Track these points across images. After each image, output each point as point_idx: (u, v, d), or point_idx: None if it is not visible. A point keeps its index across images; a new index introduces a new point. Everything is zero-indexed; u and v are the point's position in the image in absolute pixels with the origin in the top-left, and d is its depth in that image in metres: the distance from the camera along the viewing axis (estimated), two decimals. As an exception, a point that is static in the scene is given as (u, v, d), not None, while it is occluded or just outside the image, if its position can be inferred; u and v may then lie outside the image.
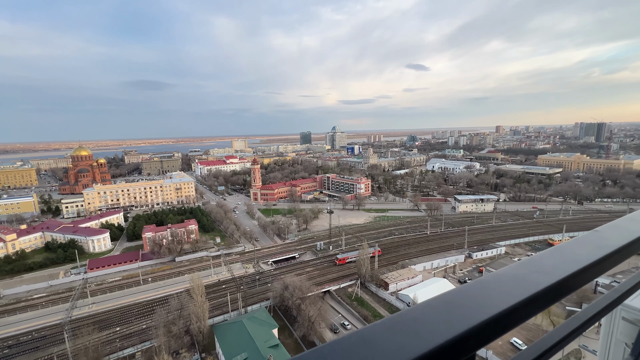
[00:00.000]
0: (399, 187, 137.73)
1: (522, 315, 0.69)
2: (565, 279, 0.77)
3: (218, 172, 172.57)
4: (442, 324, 0.61)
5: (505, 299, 0.68)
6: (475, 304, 0.67)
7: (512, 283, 0.74)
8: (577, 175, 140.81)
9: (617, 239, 0.98)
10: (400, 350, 0.53)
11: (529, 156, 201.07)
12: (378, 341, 0.56)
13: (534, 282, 0.75)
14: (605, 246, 0.94)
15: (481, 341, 0.62)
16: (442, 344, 0.55)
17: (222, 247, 77.19)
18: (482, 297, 0.70)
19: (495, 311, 0.64)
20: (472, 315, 0.62)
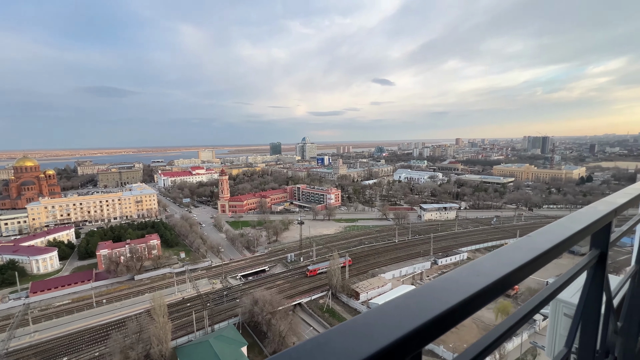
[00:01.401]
0: (368, 197, 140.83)
1: (462, 314, 0.78)
2: (500, 279, 0.89)
3: (183, 183, 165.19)
4: (391, 326, 0.65)
5: (447, 300, 0.76)
6: (421, 306, 0.73)
7: (455, 286, 0.84)
8: (527, 184, 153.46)
9: (545, 243, 1.12)
10: (352, 353, 0.57)
11: (485, 167, 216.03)
12: (332, 345, 0.60)
13: (474, 283, 0.85)
14: (535, 249, 1.07)
15: (425, 339, 0.68)
16: (389, 344, 0.60)
17: (187, 262, 73.28)
18: (427, 300, 0.77)
19: (437, 312, 0.70)
20: (417, 316, 0.68)
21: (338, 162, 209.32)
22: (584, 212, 1.44)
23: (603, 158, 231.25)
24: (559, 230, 1.22)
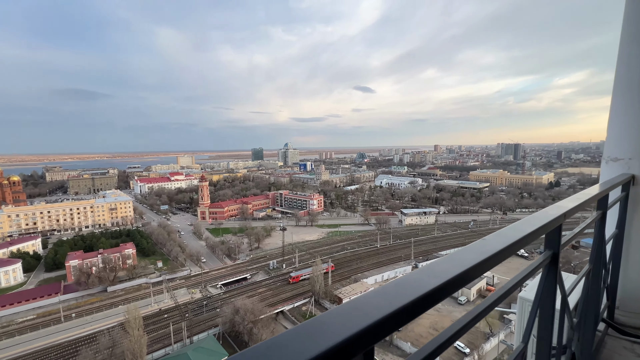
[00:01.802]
0: (350, 202, 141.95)
1: (415, 311, 0.82)
2: (451, 280, 0.94)
3: (161, 190, 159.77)
4: (345, 324, 0.69)
5: (400, 299, 0.80)
6: (375, 305, 0.77)
7: (410, 286, 0.88)
8: (501, 189, 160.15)
9: (497, 244, 1.19)
10: (305, 351, 0.60)
11: (462, 172, 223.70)
12: (287, 345, 0.62)
13: (427, 283, 0.89)
14: (487, 251, 1.13)
15: (377, 336, 0.71)
16: (341, 341, 0.63)
17: (164, 272, 70.65)
18: (382, 299, 0.81)
19: (389, 310, 0.75)
20: (370, 314, 0.72)
21: (320, 168, 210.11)
22: (537, 215, 1.52)
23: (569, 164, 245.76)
24: (512, 232, 1.31)
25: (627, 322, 3.25)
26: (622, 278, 3.26)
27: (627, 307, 3.29)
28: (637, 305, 3.25)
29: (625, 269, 3.25)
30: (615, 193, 3.13)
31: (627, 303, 3.29)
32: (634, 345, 3.02)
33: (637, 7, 3.10)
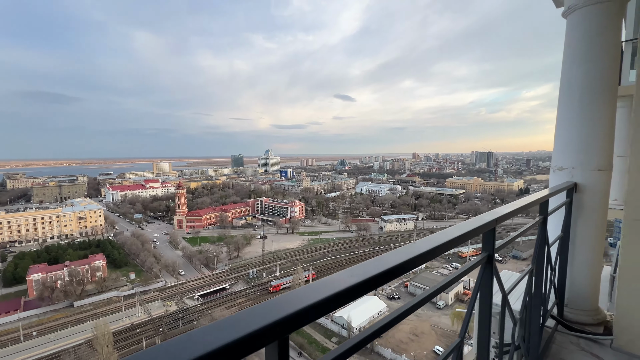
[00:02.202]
0: (331, 209, 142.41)
1: (327, 308, 0.86)
2: (368, 279, 0.98)
3: (135, 197, 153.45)
4: (256, 316, 0.74)
5: (314, 296, 0.84)
6: (290, 301, 0.81)
7: (329, 285, 0.91)
8: (475, 195, 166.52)
9: (423, 247, 1.27)
10: (215, 340, 0.63)
11: (439, 179, 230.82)
12: (203, 337, 0.65)
13: (344, 282, 0.93)
14: (412, 253, 1.19)
15: (287, 328, 0.76)
16: (252, 332, 0.68)
17: (137, 284, 67.40)
18: (298, 296, 0.85)
19: (301, 306, 0.79)
20: (282, 309, 0.77)
21: (302, 175, 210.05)
22: (473, 221, 1.61)
23: (537, 172, 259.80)
24: (442, 236, 1.41)
25: (574, 319, 3.53)
26: (569, 277, 3.55)
27: (574, 305, 3.58)
28: (582, 303, 3.54)
29: (571, 269, 3.54)
30: (561, 199, 3.43)
31: (574, 301, 3.57)
32: (580, 339, 3.28)
33: (574, 33, 3.46)
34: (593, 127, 3.37)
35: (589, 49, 3.37)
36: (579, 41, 3.46)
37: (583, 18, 3.39)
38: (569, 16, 3.51)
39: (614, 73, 3.31)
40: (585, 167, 3.41)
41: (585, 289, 3.52)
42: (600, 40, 3.31)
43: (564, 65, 3.59)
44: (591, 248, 3.46)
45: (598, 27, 3.31)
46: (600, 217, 3.42)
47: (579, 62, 3.43)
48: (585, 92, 3.39)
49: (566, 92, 3.56)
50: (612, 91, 3.33)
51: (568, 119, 3.54)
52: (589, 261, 3.48)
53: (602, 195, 3.38)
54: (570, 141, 3.53)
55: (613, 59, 3.30)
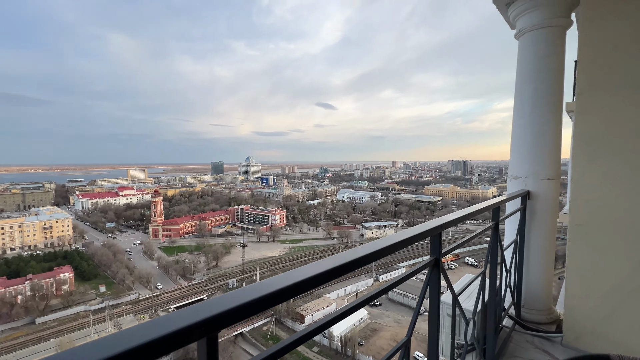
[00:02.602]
0: (312, 217, 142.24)
1: (255, 309, 0.86)
2: (298, 282, 0.98)
3: (107, 206, 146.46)
4: (185, 315, 0.75)
5: (244, 297, 0.84)
6: (220, 301, 0.82)
7: (262, 287, 0.92)
8: (452, 202, 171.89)
9: (362, 252, 1.25)
10: (141, 337, 0.64)
11: (418, 187, 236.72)
12: (130, 334, 0.66)
13: (275, 284, 0.93)
14: (348, 257, 1.17)
15: (215, 326, 0.77)
16: (178, 329, 0.69)
17: (108, 297, 63.92)
18: (230, 296, 0.86)
19: (229, 305, 0.80)
20: (211, 308, 0.78)
21: (283, 183, 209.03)
22: (421, 226, 1.68)
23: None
24: (389, 239, 1.41)
25: (529, 318, 3.77)
26: (525, 279, 3.80)
27: (530, 305, 3.83)
28: (537, 303, 3.80)
29: (527, 271, 3.80)
30: (517, 205, 3.70)
31: (530, 301, 3.82)
32: (534, 338, 3.52)
33: (524, 54, 3.80)
34: (542, 140, 3.68)
35: (537, 69, 3.70)
36: (528, 61, 3.79)
37: (531, 41, 3.73)
38: (520, 38, 3.85)
39: (559, 91, 3.65)
40: (536, 176, 3.70)
41: (540, 289, 3.78)
42: (546, 61, 3.65)
43: (516, 83, 3.91)
44: (543, 251, 3.73)
45: (544, 49, 3.66)
46: (550, 223, 3.71)
47: (529, 80, 3.76)
48: (535, 108, 3.70)
49: (519, 107, 3.87)
50: (558, 107, 3.67)
51: (521, 132, 3.84)
52: (542, 263, 3.75)
53: (551, 202, 3.68)
54: (523, 152, 3.82)
55: (557, 78, 3.64)
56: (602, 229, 3.08)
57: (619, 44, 2.93)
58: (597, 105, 3.07)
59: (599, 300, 3.10)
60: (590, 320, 3.15)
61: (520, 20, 3.81)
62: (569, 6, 3.58)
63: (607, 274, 3.08)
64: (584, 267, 3.20)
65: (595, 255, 3.14)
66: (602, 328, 3.07)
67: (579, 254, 3.22)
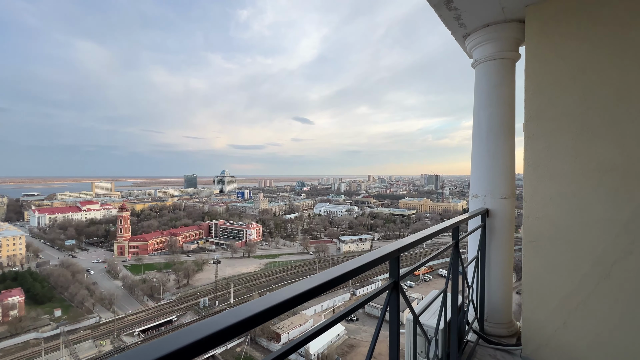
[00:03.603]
0: (289, 231, 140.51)
1: (197, 351, 0.78)
2: (251, 317, 0.95)
3: (67, 221, 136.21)
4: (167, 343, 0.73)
5: (180, 342, 0.76)
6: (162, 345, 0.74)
7: (204, 327, 0.85)
8: (426, 215, 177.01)
9: (337, 272, 1.28)
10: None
11: (393, 200, 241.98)
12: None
13: (220, 323, 0.88)
14: (325, 278, 1.19)
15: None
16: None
17: (63, 321, 58.52)
18: (188, 332, 0.80)
19: (187, 341, 0.75)
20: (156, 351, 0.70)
21: (259, 196, 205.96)
22: (379, 250, 1.71)
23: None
24: (349, 265, 1.43)
25: (492, 332, 3.93)
26: (487, 294, 3.98)
27: (492, 319, 3.99)
28: (498, 317, 3.97)
29: (488, 286, 3.98)
30: (477, 222, 3.90)
31: (492, 315, 3.99)
32: (496, 351, 3.65)
33: (479, 82, 4.12)
34: (497, 161, 3.96)
35: (491, 96, 4.02)
36: (483, 89, 4.11)
37: (485, 71, 4.06)
38: (476, 68, 4.18)
39: (510, 117, 3.98)
40: (493, 195, 3.95)
41: (500, 303, 3.97)
42: (498, 89, 3.98)
43: (474, 108, 4.21)
44: (502, 266, 3.94)
45: (496, 78, 3.99)
46: (508, 238, 3.94)
47: (484, 106, 4.06)
48: (490, 132, 4.00)
49: (476, 130, 4.15)
50: (511, 131, 3.98)
51: (478, 154, 4.11)
52: (501, 278, 3.95)
53: (508, 220, 3.92)
54: (481, 173, 4.08)
55: (509, 105, 3.97)
56: (552, 245, 3.32)
57: (558, 78, 3.27)
58: (542, 132, 3.37)
59: (552, 312, 3.30)
60: (545, 332, 3.34)
61: (476, 52, 4.15)
62: (517, 42, 3.96)
63: (558, 287, 3.30)
64: (537, 282, 3.42)
65: (547, 269, 3.36)
66: (556, 339, 3.26)
67: (532, 268, 3.44)
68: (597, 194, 3.06)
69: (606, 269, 3.01)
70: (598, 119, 3.07)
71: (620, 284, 2.94)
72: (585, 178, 3.14)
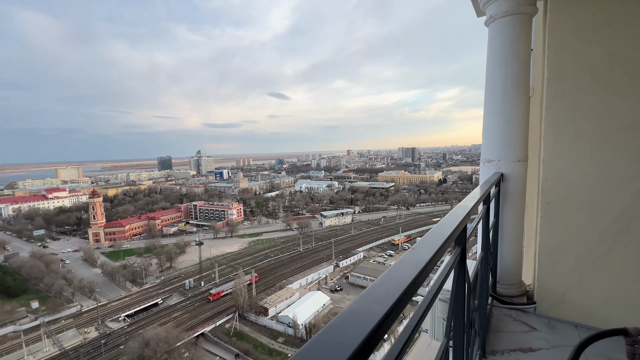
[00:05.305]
0: (271, 209, 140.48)
1: (366, 352, 0.63)
2: (395, 303, 0.78)
3: (34, 211, 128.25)
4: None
5: (351, 342, 0.61)
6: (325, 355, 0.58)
7: (357, 320, 0.69)
8: (404, 187, 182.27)
9: (426, 254, 1.10)
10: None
11: (372, 174, 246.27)
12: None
13: (372, 313, 0.72)
14: (418, 262, 1.02)
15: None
16: None
17: (42, 313, 56.66)
18: (331, 345, 0.61)
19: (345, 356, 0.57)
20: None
21: (238, 176, 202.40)
22: (449, 218, 1.57)
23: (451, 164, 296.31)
24: (435, 238, 1.28)
25: (504, 293, 4.03)
26: (500, 257, 4.03)
27: (503, 280, 4.08)
28: (509, 278, 4.06)
29: (501, 249, 4.02)
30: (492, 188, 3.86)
31: (504, 277, 4.07)
32: (511, 311, 3.75)
33: (494, 41, 3.90)
34: (512, 124, 3.86)
35: (505, 56, 3.83)
36: (497, 48, 3.91)
37: (500, 28, 3.84)
38: (490, 25, 3.95)
39: (526, 77, 3.84)
40: (507, 159, 3.89)
41: (512, 265, 4.04)
42: (514, 48, 3.80)
43: (487, 69, 4.02)
44: (515, 229, 3.98)
45: (512, 36, 3.79)
46: (521, 202, 3.95)
47: (499, 67, 3.88)
48: (505, 94, 3.85)
49: (490, 92, 4.00)
50: (526, 92, 3.86)
51: (492, 117, 3.99)
52: (514, 241, 4.00)
53: (522, 183, 3.91)
54: (495, 137, 3.98)
55: (525, 65, 3.81)
56: (570, 206, 3.33)
57: (584, 31, 3.12)
58: (564, 90, 3.26)
59: (567, 271, 3.38)
60: (560, 290, 3.43)
61: (490, 7, 3.90)
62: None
63: (574, 246, 3.35)
64: (553, 242, 3.46)
65: (564, 230, 3.39)
66: (571, 296, 3.37)
67: (549, 229, 3.47)
68: (619, 153, 3.05)
69: (625, 225, 3.06)
70: (624, 75, 2.98)
71: (638, 238, 3.01)
72: (606, 137, 3.11)
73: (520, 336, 3.25)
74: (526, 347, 3.04)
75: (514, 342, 3.12)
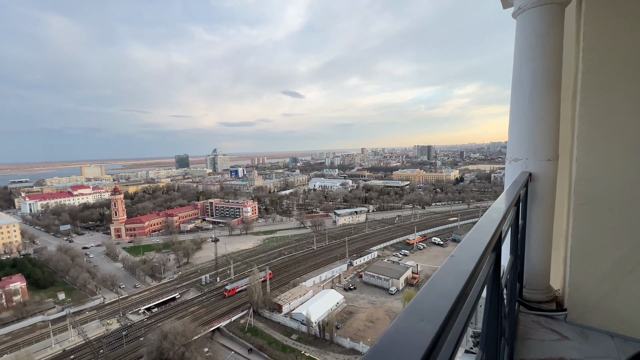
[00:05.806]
0: (285, 207, 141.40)
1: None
2: (445, 320, 0.69)
3: (60, 207, 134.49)
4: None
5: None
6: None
7: (407, 342, 0.61)
8: (419, 186, 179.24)
9: (469, 262, 0.99)
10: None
11: (386, 172, 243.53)
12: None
13: (423, 333, 0.63)
14: (461, 272, 0.92)
15: None
16: None
17: (68, 304, 59.39)
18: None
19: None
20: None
21: (253, 174, 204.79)
22: (485, 222, 1.46)
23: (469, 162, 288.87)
24: (476, 246, 1.17)
25: (531, 298, 3.83)
26: (527, 260, 3.84)
27: (530, 285, 3.88)
28: (537, 282, 3.86)
29: (528, 252, 3.82)
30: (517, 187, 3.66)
31: (531, 282, 3.87)
32: (539, 317, 3.56)
33: (523, 33, 3.69)
34: (542, 121, 3.65)
35: (535, 48, 3.62)
36: (526, 41, 3.70)
37: (529, 19, 3.62)
38: (518, 17, 3.74)
39: (557, 70, 3.61)
40: (537, 157, 3.68)
41: (540, 269, 3.84)
42: (544, 40, 3.58)
43: (514, 63, 3.82)
44: (544, 232, 3.77)
45: (542, 27, 3.57)
46: (550, 203, 3.73)
47: (527, 60, 3.68)
48: (534, 89, 3.64)
49: (517, 88, 3.80)
50: (556, 88, 3.63)
51: (520, 114, 3.78)
52: (542, 244, 3.79)
53: (551, 183, 3.69)
54: (522, 134, 3.78)
55: (556, 58, 3.59)
56: (605, 208, 3.12)
57: (624, 22, 2.89)
58: (602, 84, 3.04)
59: (603, 277, 3.17)
60: (594, 297, 3.22)
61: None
62: (569, -18, 3.50)
63: (610, 251, 3.13)
64: (587, 246, 3.25)
65: (598, 233, 3.18)
66: (607, 304, 3.16)
67: (582, 233, 3.26)
68: (662, 151, 2.82)
69: (668, 230, 2.83)
70: (670, 66, 2.74)
71: (684, 245, 2.78)
72: (648, 134, 2.87)
73: (550, 345, 3.07)
74: (557, 357, 2.87)
75: (544, 351, 2.95)
